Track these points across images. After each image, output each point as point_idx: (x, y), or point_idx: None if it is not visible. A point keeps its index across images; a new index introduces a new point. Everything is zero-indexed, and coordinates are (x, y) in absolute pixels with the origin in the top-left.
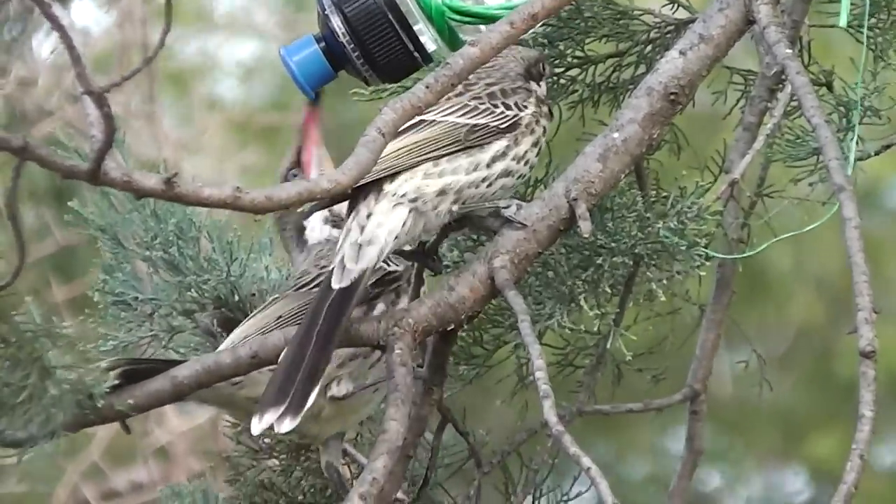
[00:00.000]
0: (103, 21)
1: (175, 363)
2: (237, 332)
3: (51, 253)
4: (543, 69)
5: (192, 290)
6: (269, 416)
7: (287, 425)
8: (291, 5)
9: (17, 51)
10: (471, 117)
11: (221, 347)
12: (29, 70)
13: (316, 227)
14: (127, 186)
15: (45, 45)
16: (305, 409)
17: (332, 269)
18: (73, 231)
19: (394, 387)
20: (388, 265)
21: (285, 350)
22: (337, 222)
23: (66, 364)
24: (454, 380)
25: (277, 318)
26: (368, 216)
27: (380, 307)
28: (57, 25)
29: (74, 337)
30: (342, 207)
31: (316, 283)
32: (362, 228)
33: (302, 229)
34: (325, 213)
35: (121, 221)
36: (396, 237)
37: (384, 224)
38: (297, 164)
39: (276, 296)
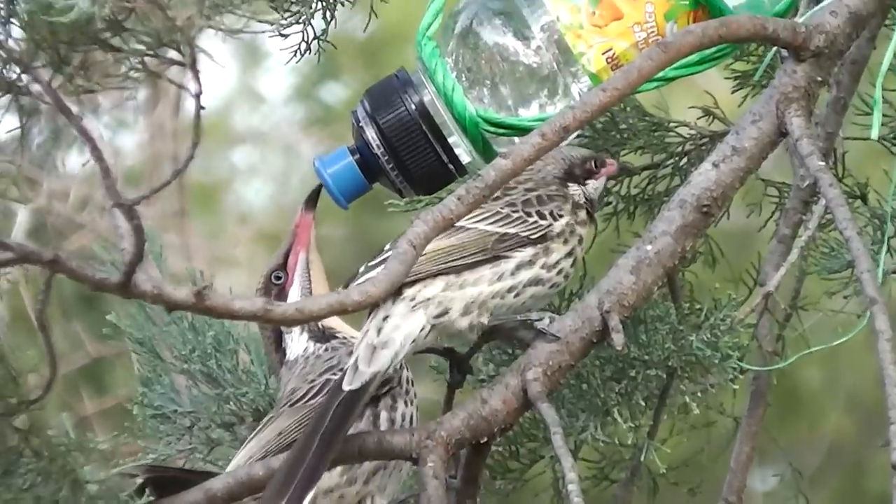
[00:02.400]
0: (134, 135)
1: (203, 474)
2: (241, 455)
3: (82, 365)
4: (596, 166)
5: (231, 402)
6: None
7: None
8: (323, 120)
9: (48, 164)
10: (501, 226)
11: (228, 469)
12: (60, 183)
13: (295, 336)
14: (157, 299)
15: (76, 157)
16: None
17: (346, 369)
18: (104, 343)
19: (426, 500)
20: None
21: (290, 451)
22: (317, 336)
23: (99, 479)
24: (490, 494)
25: (278, 435)
26: (385, 318)
27: (384, 415)
28: (87, 138)
29: (107, 451)
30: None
31: (308, 397)
32: (379, 330)
33: (280, 334)
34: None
35: (158, 334)
36: (413, 341)
37: (401, 327)
38: (283, 267)
39: (272, 415)
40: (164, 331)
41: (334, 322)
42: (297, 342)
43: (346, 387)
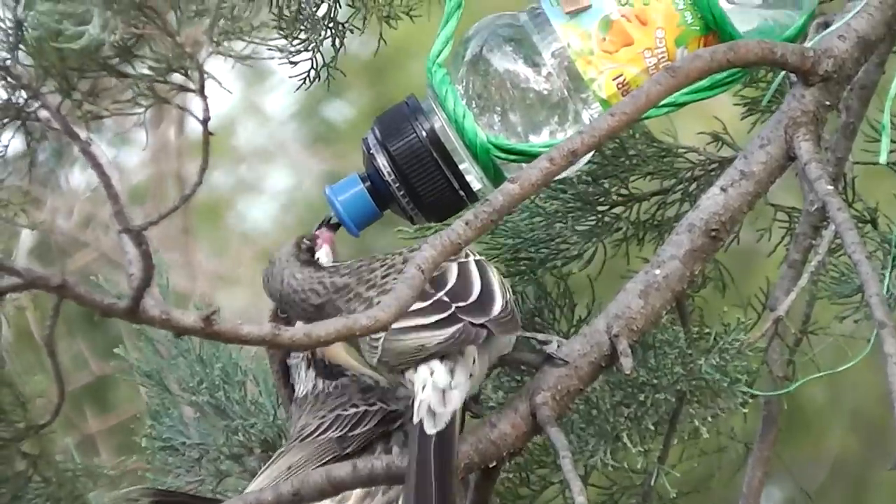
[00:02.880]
0: (138, 153)
1: (210, 500)
2: (250, 489)
3: (86, 383)
4: (311, 241)
5: (239, 434)
6: None
7: None
8: (327, 138)
9: (52, 181)
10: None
11: None
12: (64, 200)
13: (301, 372)
14: (165, 324)
15: (80, 176)
16: None
17: (420, 420)
18: (108, 361)
19: None
20: (388, 405)
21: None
22: (323, 372)
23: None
24: None
25: (287, 469)
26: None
27: (395, 450)
28: (95, 164)
29: (115, 476)
30: (332, 353)
31: (318, 433)
32: (451, 372)
33: (287, 370)
34: (307, 355)
35: (166, 367)
36: (471, 375)
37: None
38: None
39: (282, 450)
40: (172, 363)
41: (337, 351)
42: (306, 378)
43: (430, 431)
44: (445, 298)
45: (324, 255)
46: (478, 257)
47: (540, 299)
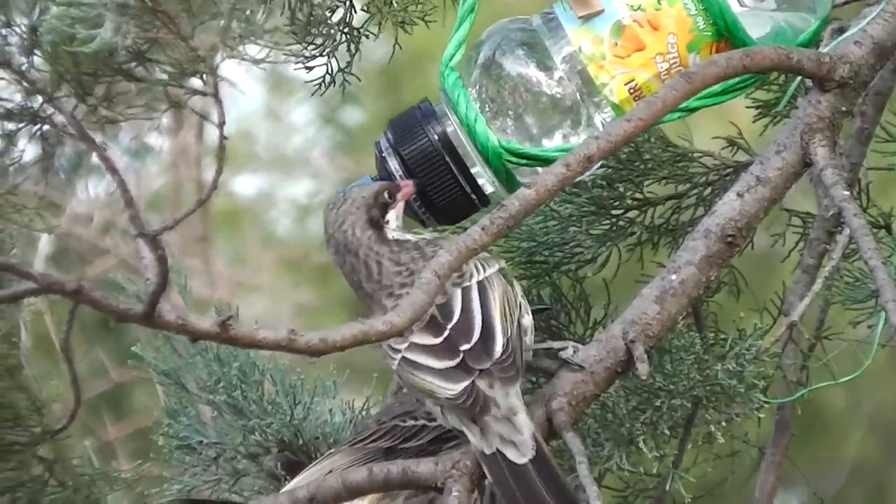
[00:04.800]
0: (157, 160)
1: None
2: (290, 486)
3: (104, 390)
4: (390, 196)
5: (257, 433)
6: None
7: None
8: (345, 143)
9: (71, 188)
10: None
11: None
12: (82, 207)
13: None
14: (182, 329)
15: (98, 182)
16: None
17: (496, 452)
18: (126, 368)
19: None
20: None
21: None
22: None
23: None
24: None
25: (328, 474)
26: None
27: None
28: (111, 169)
29: (132, 480)
30: None
31: (370, 439)
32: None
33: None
34: None
35: (184, 366)
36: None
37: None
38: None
39: (332, 450)
40: (190, 362)
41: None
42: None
43: (521, 460)
44: (452, 334)
45: (394, 217)
46: (481, 276)
47: (556, 302)
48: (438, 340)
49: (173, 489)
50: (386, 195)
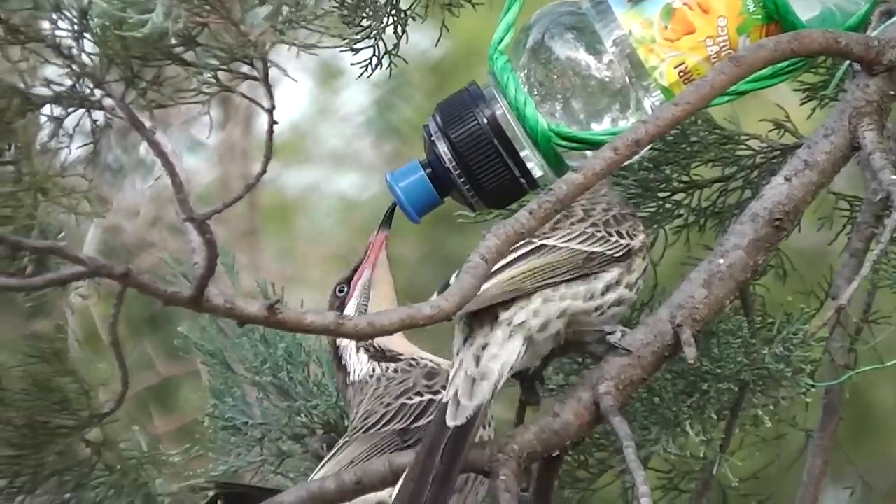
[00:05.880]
0: (204, 155)
1: (273, 491)
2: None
3: (152, 384)
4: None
5: (302, 414)
6: None
7: None
8: (394, 137)
9: (119, 182)
10: (588, 245)
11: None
12: (130, 201)
13: (352, 354)
14: (229, 313)
15: (146, 176)
16: None
17: (446, 403)
18: (174, 362)
19: None
20: None
21: (398, 491)
22: (376, 355)
23: (172, 492)
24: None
25: (350, 463)
26: (484, 347)
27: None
28: (159, 152)
29: (180, 464)
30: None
31: (382, 423)
32: (477, 360)
33: (336, 349)
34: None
35: (230, 346)
36: (511, 368)
37: (499, 356)
38: (348, 281)
39: (346, 439)
40: (236, 343)
41: (396, 341)
42: (358, 361)
43: (451, 423)
44: None
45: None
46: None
47: None
48: None
49: (218, 470)
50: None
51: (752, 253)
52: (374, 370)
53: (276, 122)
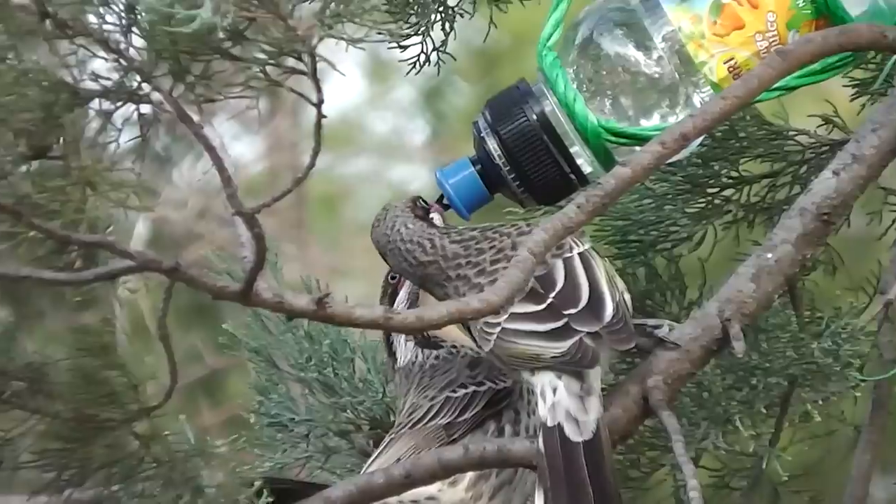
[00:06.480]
0: (253, 147)
1: (320, 487)
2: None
3: (200, 376)
4: (426, 203)
5: (348, 410)
6: None
7: None
8: (443, 128)
9: (166, 174)
10: None
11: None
12: (178, 193)
13: (401, 338)
14: (278, 307)
15: (193, 168)
16: None
17: (553, 426)
18: (221, 355)
19: None
20: (496, 383)
21: None
22: (421, 342)
23: (220, 484)
24: None
25: (397, 461)
26: None
27: (507, 429)
28: (208, 146)
29: (228, 457)
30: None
31: (428, 418)
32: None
33: (388, 337)
34: None
35: (275, 343)
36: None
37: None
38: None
39: (392, 436)
40: (281, 339)
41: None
42: (405, 348)
43: (577, 438)
44: (555, 302)
45: (437, 219)
46: (581, 248)
47: (650, 281)
48: (541, 307)
49: (265, 466)
50: (421, 201)
51: (801, 247)
52: (416, 357)
53: (324, 116)
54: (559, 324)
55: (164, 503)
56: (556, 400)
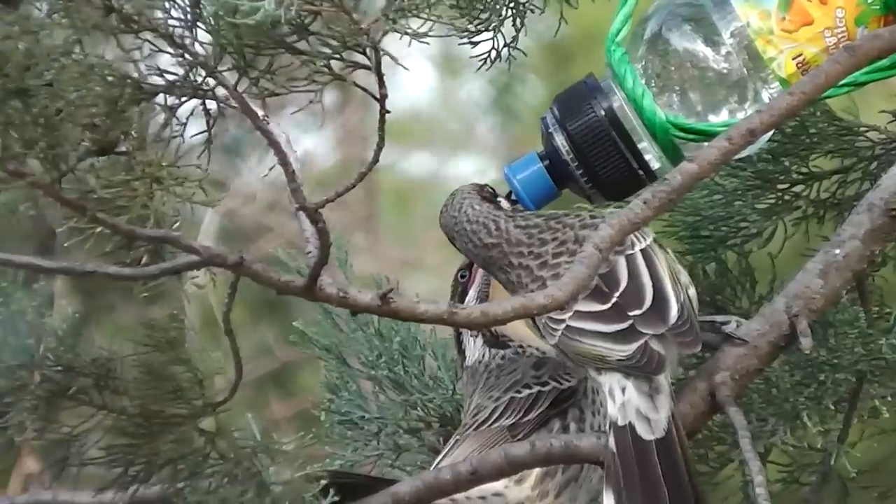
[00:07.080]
0: (325, 139)
1: (389, 482)
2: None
3: (270, 370)
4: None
5: (418, 408)
6: None
7: None
8: (513, 122)
9: (235, 167)
10: None
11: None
12: (247, 186)
13: (471, 338)
14: (343, 302)
15: (264, 161)
16: None
17: (617, 418)
18: (292, 348)
19: None
20: (561, 383)
21: None
22: (490, 341)
23: (284, 480)
24: None
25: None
26: None
27: (572, 427)
28: (272, 142)
29: (294, 453)
30: (506, 328)
31: (493, 419)
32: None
33: (459, 335)
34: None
35: (345, 340)
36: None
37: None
38: (469, 266)
39: (457, 437)
40: (351, 337)
41: (510, 325)
42: (473, 346)
43: (649, 437)
44: (619, 302)
45: (503, 202)
46: (643, 244)
47: (721, 277)
48: (606, 307)
49: (335, 464)
50: (489, 187)
51: (869, 243)
52: (483, 356)
53: (388, 112)
54: (624, 325)
55: (229, 499)
56: (625, 399)
